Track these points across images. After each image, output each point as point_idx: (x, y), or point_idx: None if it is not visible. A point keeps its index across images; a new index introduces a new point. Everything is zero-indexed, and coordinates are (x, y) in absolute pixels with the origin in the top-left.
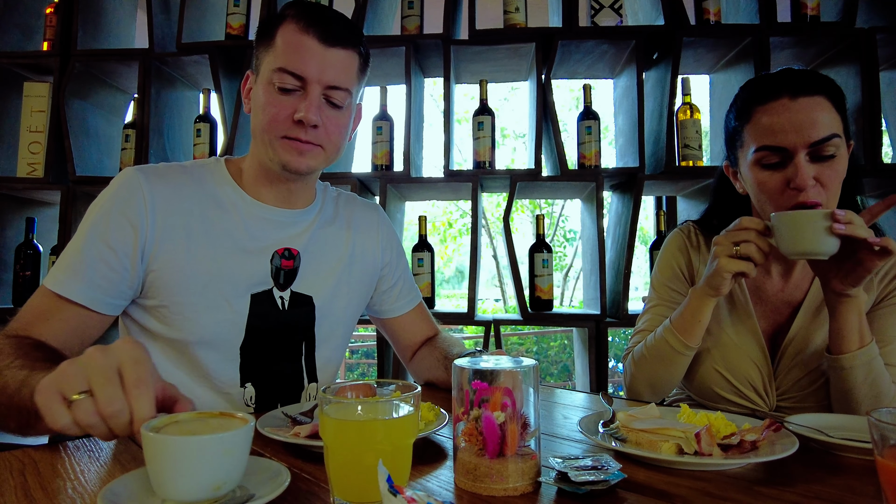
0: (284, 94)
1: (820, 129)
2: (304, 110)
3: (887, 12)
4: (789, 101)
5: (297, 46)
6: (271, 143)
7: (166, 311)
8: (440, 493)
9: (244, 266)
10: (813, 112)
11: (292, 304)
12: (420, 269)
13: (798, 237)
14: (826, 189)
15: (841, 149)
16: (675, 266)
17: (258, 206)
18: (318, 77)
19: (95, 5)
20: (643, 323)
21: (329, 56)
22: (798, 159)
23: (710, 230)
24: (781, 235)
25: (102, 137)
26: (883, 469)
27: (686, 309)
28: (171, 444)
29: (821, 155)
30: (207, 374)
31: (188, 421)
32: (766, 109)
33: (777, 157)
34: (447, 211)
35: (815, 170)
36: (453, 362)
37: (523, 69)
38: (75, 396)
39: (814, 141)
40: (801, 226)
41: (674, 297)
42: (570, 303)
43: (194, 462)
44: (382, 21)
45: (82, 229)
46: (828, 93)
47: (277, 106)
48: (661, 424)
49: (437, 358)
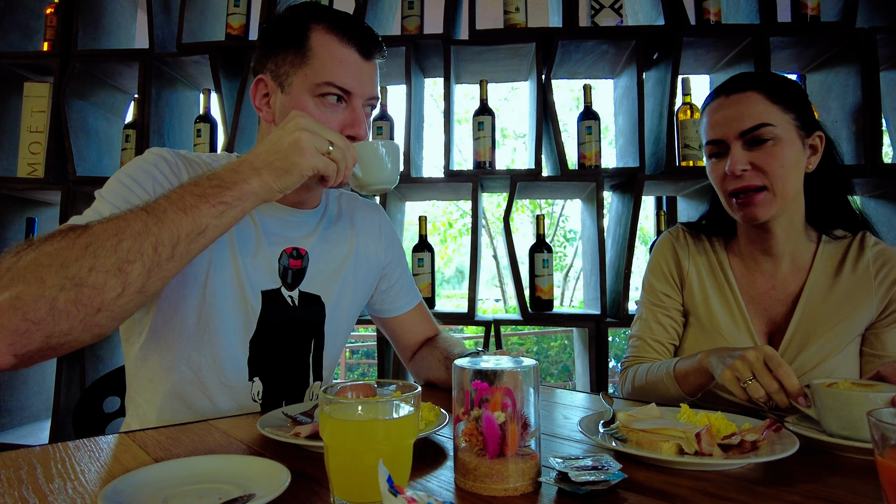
0: (328, 107)
1: (749, 119)
2: (357, 126)
3: (887, 12)
4: (724, 98)
5: (342, 60)
6: None
7: (174, 307)
8: (441, 494)
9: (253, 263)
10: (742, 105)
11: (302, 303)
12: (420, 269)
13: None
14: (767, 174)
15: (783, 136)
16: (665, 270)
17: (268, 205)
18: (362, 90)
19: (96, 5)
20: (637, 329)
21: (367, 69)
22: (732, 148)
23: (699, 231)
24: (825, 412)
25: (103, 138)
26: (883, 469)
27: (691, 369)
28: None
29: (756, 142)
30: (217, 366)
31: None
32: (709, 109)
33: (718, 148)
34: (447, 211)
35: (750, 156)
36: (454, 362)
37: (523, 69)
38: (329, 148)
39: (743, 130)
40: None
41: (664, 301)
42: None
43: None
44: (382, 21)
45: (110, 188)
46: (762, 88)
47: (326, 121)
48: (661, 424)
49: (438, 358)
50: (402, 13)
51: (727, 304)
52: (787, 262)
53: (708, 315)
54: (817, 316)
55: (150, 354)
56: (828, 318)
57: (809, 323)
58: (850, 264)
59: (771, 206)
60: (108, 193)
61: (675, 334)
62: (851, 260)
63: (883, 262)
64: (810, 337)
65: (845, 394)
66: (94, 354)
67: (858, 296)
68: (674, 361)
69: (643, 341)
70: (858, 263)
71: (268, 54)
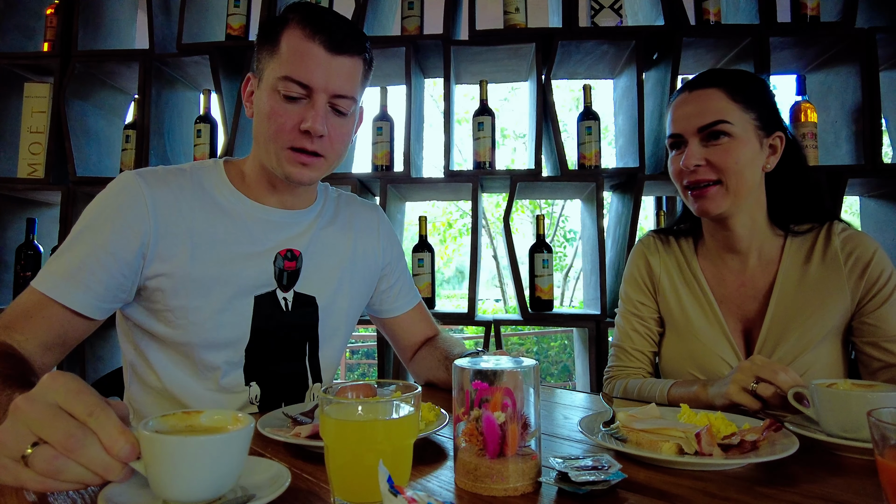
0: (290, 102)
1: (707, 115)
2: (312, 120)
3: (887, 12)
4: (688, 94)
5: (303, 54)
6: (276, 153)
7: (171, 314)
8: (441, 494)
9: (247, 269)
10: (703, 101)
11: (296, 304)
12: (420, 269)
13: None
14: (720, 170)
15: (740, 134)
16: (639, 279)
17: (259, 209)
18: (325, 86)
19: (96, 6)
20: (617, 339)
21: (335, 64)
22: (689, 143)
23: (669, 236)
24: (825, 413)
25: (103, 138)
26: (883, 469)
27: (686, 397)
28: (170, 445)
29: (712, 137)
30: (212, 375)
31: (187, 420)
32: (673, 104)
33: (677, 142)
34: (447, 211)
35: (706, 152)
36: (454, 362)
37: (523, 69)
38: (28, 451)
39: (700, 126)
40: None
41: (641, 310)
42: (571, 303)
43: (193, 462)
44: (382, 21)
45: (80, 234)
46: (723, 85)
47: (283, 115)
48: (661, 424)
49: (438, 358)
50: (401, 13)
51: (700, 306)
52: (754, 258)
53: (683, 319)
54: (791, 309)
55: (145, 362)
56: (802, 310)
57: (783, 316)
58: (819, 254)
59: (723, 200)
60: (70, 244)
61: (653, 342)
62: (820, 249)
63: (851, 248)
64: (786, 330)
65: (845, 394)
66: (95, 355)
67: (830, 285)
68: (667, 385)
69: (624, 351)
70: (827, 252)
71: (256, 51)
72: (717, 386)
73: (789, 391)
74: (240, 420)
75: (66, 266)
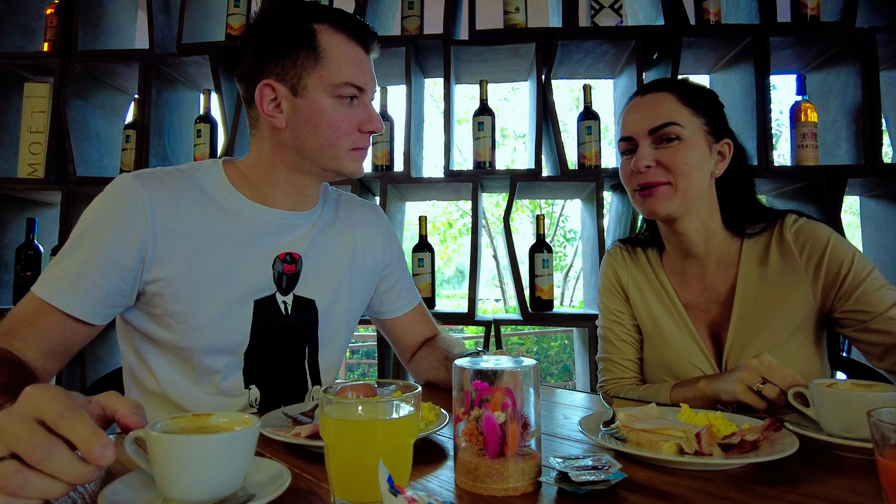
0: (347, 106)
1: (658, 118)
2: (375, 121)
3: (887, 12)
4: (639, 98)
5: (356, 59)
6: (338, 156)
7: (170, 319)
8: (441, 494)
9: (246, 272)
10: (653, 105)
11: (295, 308)
12: (420, 269)
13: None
14: (671, 171)
15: (689, 138)
16: (612, 288)
17: (260, 210)
18: (373, 86)
19: (96, 6)
20: (604, 351)
21: (371, 64)
22: (640, 145)
23: (636, 245)
24: (825, 413)
25: (103, 138)
26: (883, 469)
27: (690, 396)
28: (176, 444)
29: (662, 139)
30: (212, 378)
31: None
32: (625, 109)
33: (629, 145)
34: (447, 211)
35: (656, 154)
36: (454, 362)
37: (523, 69)
38: None
39: (651, 128)
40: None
41: (620, 317)
42: (571, 303)
43: (199, 462)
44: (382, 21)
45: (79, 238)
46: (674, 90)
47: (347, 120)
48: (661, 424)
49: (438, 358)
50: (401, 13)
51: (669, 314)
52: (713, 262)
53: (654, 326)
54: (754, 309)
55: (144, 365)
56: (766, 310)
57: (748, 318)
58: (776, 251)
59: (671, 201)
60: (70, 249)
61: (637, 348)
62: (775, 246)
63: (804, 239)
64: (752, 332)
65: (845, 394)
66: (95, 355)
67: (790, 280)
68: (667, 388)
69: (613, 363)
70: (782, 247)
71: (268, 58)
72: (723, 381)
73: (789, 391)
74: (247, 421)
75: (66, 272)
